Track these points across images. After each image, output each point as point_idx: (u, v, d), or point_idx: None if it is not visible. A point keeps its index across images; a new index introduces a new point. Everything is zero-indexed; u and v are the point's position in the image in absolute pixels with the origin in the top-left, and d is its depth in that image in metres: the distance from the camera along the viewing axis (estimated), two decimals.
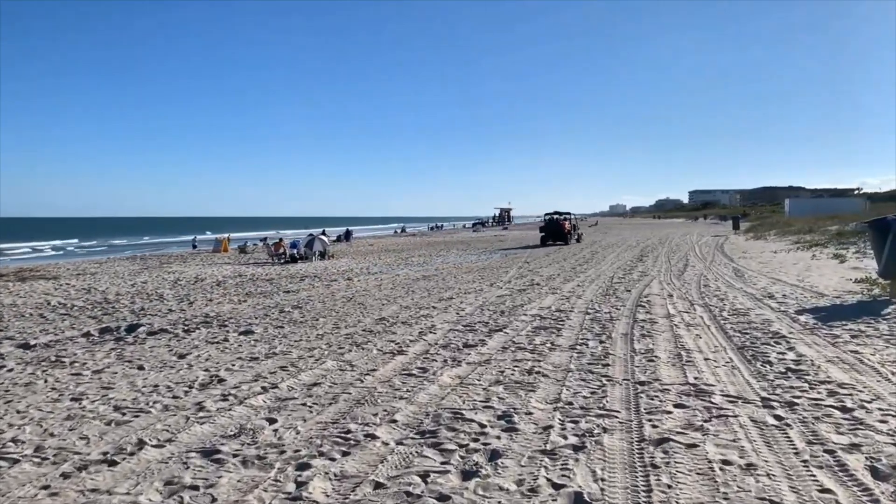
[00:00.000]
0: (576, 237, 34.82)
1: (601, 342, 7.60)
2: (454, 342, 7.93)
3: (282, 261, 24.65)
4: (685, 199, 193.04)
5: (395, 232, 68.62)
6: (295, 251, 25.74)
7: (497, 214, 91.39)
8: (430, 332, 8.64)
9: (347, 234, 40.63)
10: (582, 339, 7.80)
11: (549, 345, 7.56)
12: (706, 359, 6.59)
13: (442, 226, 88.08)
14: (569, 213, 36.48)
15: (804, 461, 3.90)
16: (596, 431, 4.53)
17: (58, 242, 62.71)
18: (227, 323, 10.29)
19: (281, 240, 26.32)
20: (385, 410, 5.17)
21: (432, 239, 46.40)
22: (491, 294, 13.08)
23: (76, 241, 68.55)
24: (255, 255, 29.04)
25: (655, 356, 6.74)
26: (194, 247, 40.25)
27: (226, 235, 34.21)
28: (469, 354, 7.16)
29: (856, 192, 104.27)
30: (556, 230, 33.36)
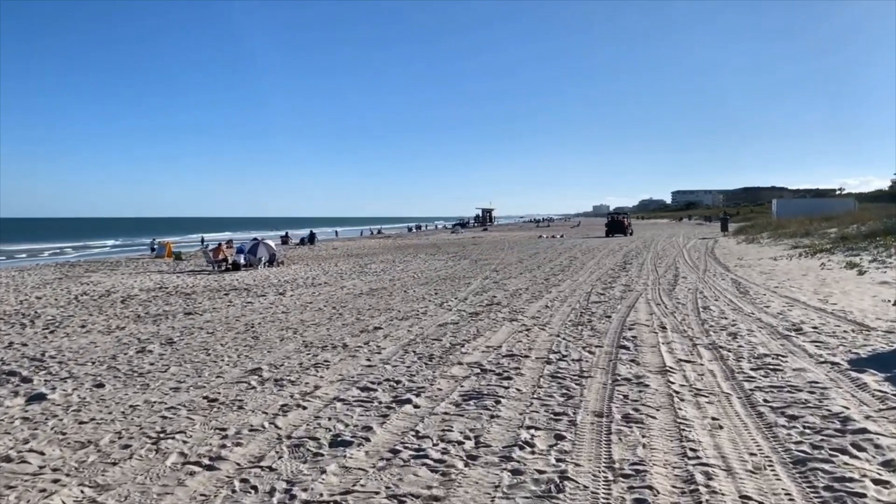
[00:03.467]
0: (630, 231, 42.88)
1: (557, 439, 4.45)
2: (319, 433, 4.74)
3: (222, 269, 21.37)
4: (668, 200, 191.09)
5: (372, 233, 65.10)
6: (241, 258, 22.49)
7: (479, 215, 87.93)
8: (299, 406, 5.45)
9: (311, 237, 37.13)
10: (529, 429, 4.65)
11: (470, 444, 4.40)
12: (744, 496, 3.46)
13: (421, 227, 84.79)
14: (626, 213, 49.76)
15: None
16: None
17: (78, 244, 59.77)
18: (37, 374, 7.06)
19: (220, 245, 23.01)
20: None
21: (405, 241, 43.13)
22: (433, 321, 9.94)
23: (113, 241, 66.14)
24: (197, 262, 25.58)
25: (650, 486, 3.61)
26: (153, 250, 36.79)
27: (170, 240, 30.73)
28: (323, 474, 3.98)
29: (837, 192, 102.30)
30: (617, 226, 42.33)
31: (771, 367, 6.23)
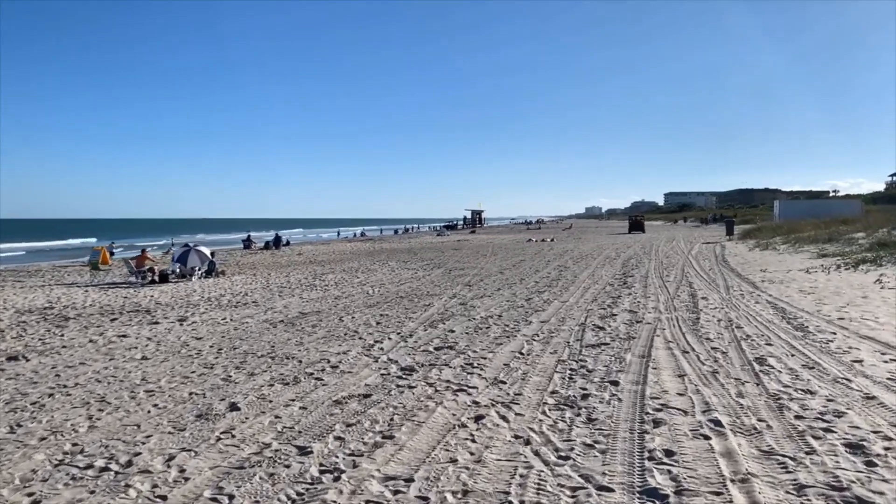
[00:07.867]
0: (643, 229, 48.21)
1: None
2: None
3: (146, 280, 17.41)
4: (660, 202, 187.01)
5: (354, 235, 60.79)
6: (177, 267, 18.59)
7: (468, 217, 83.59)
8: None
9: (276, 241, 32.93)
10: None
11: None
12: None
13: (408, 228, 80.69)
14: (642, 215, 58.17)
15: None
16: None
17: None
18: None
19: (143, 252, 19.05)
20: None
21: (382, 245, 39.02)
22: (335, 389, 6.04)
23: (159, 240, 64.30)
24: (124, 272, 21.49)
25: None
26: (111, 254, 32.69)
27: (106, 244, 26.66)
28: None
29: (832, 194, 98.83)
30: (638, 225, 48.10)
31: None
